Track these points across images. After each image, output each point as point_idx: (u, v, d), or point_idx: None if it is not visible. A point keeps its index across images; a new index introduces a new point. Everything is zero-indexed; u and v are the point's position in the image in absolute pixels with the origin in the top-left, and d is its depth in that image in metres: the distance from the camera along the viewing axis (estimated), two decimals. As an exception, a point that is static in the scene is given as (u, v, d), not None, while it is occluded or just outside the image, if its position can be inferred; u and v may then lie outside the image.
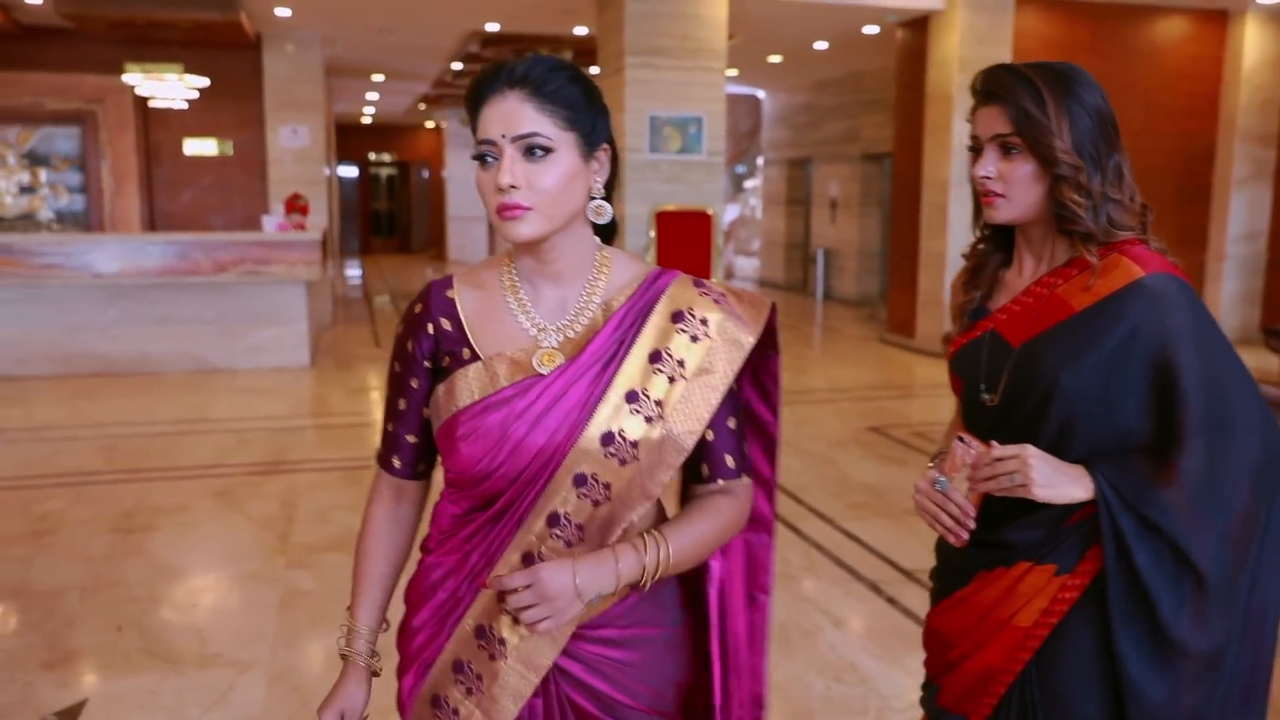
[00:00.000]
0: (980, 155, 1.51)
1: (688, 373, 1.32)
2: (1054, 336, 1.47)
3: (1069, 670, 1.47)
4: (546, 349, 1.33)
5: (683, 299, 1.35)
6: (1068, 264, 1.52)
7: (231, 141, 10.67)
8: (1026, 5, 9.04)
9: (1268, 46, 9.72)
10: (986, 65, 1.56)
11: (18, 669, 3.20)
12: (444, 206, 21.17)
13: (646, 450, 1.30)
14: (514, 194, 1.26)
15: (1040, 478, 1.40)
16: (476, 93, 1.31)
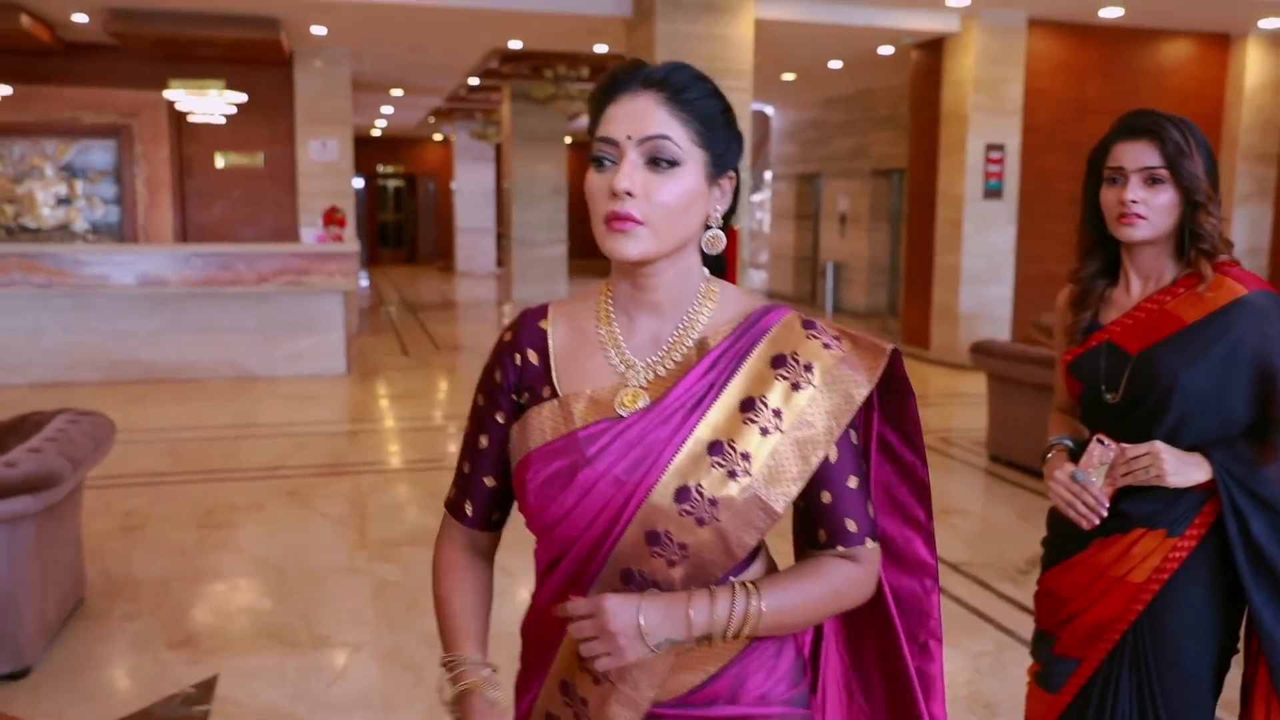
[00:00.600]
0: (1115, 184, 1.79)
1: (784, 425, 1.17)
2: (1170, 344, 1.76)
3: (1177, 619, 1.75)
4: (632, 388, 1.21)
5: (787, 342, 1.21)
6: (1174, 283, 1.81)
7: (262, 154, 10.93)
8: (1038, 28, 9.38)
9: (1268, 69, 10.08)
10: (999, 85, 1.90)
11: (146, 650, 3.46)
12: (452, 218, 21.43)
13: (728, 511, 1.15)
14: (628, 203, 1.15)
15: (1170, 469, 1.69)
16: (608, 88, 1.21)
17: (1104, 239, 1.87)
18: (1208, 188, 1.74)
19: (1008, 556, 4.38)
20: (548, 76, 13.08)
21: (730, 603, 1.15)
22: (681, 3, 8.29)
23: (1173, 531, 1.74)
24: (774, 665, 1.24)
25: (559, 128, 15.21)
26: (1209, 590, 1.75)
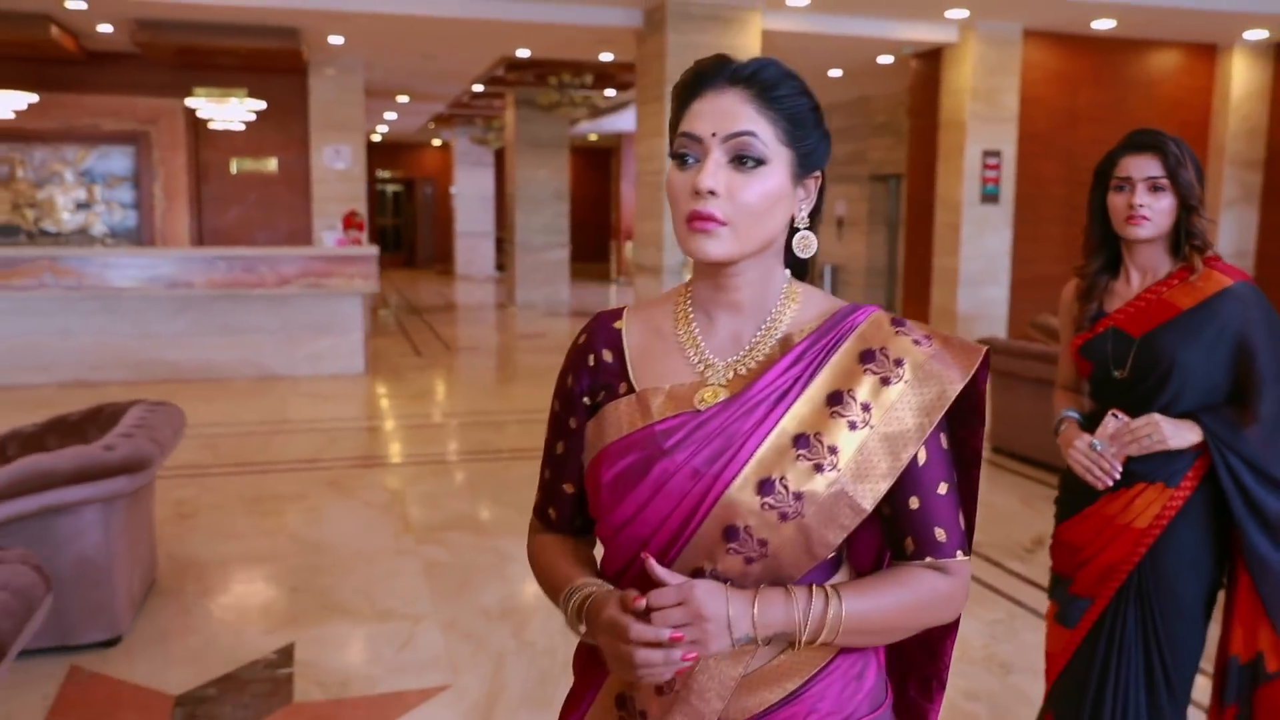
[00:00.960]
0: (1123, 191, 2.09)
1: (873, 420, 1.13)
2: (1169, 328, 2.06)
3: (1175, 558, 2.06)
4: (712, 386, 1.18)
5: (876, 338, 1.18)
6: (1169, 276, 2.12)
7: (276, 160, 11.19)
8: (1033, 39, 9.71)
9: (1254, 78, 10.44)
10: (996, 94, 2.23)
11: (222, 622, 3.73)
12: (451, 222, 21.69)
13: (813, 505, 1.11)
14: (711, 202, 1.12)
15: (1169, 434, 2.02)
16: (693, 83, 1.18)
17: (1107, 239, 2.17)
18: (1199, 194, 2.05)
19: (1014, 537, 4.67)
20: (552, 84, 13.37)
21: (809, 602, 1.11)
22: (691, 14, 8.60)
23: (1170, 484, 2.05)
24: (857, 686, 1.18)
25: (562, 134, 15.50)
26: (1201, 533, 2.06)
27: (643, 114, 9.44)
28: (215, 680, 3.26)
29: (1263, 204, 10.77)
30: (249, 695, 3.18)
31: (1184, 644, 2.10)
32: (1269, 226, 10.67)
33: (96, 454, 3.32)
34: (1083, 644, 2.17)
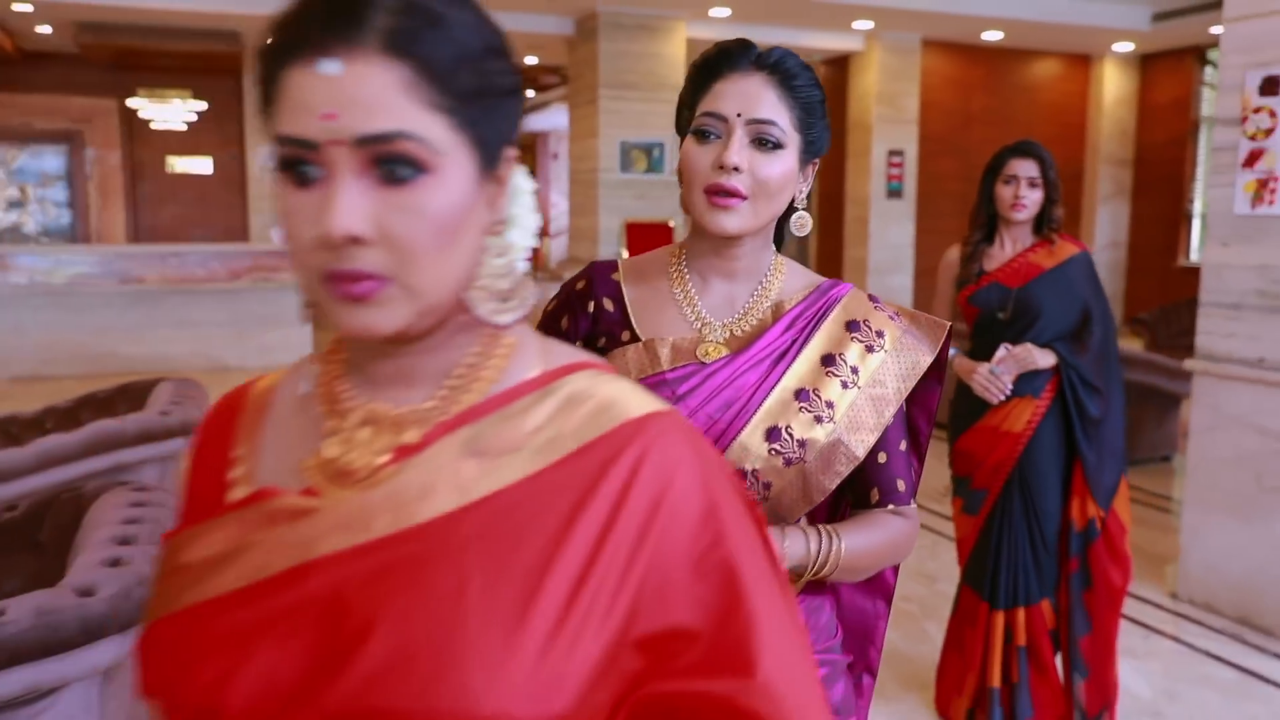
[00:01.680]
0: (1010, 184, 2.80)
1: (860, 381, 1.25)
2: (1037, 282, 2.80)
3: (1041, 452, 2.82)
4: (712, 342, 1.28)
5: (858, 310, 1.30)
6: (1033, 246, 2.86)
7: (212, 159, 11.43)
8: (931, 48, 10.62)
9: (1123, 85, 11.58)
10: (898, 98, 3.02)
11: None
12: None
13: (814, 452, 1.22)
14: (736, 178, 1.20)
15: (1039, 358, 2.76)
16: (716, 62, 1.25)
17: (990, 217, 2.89)
18: (1059, 191, 2.81)
19: (930, 483, 5.43)
20: (476, 85, 13.84)
21: (819, 540, 1.21)
22: (622, 24, 9.22)
23: (1035, 395, 2.80)
24: (814, 620, 1.29)
25: (484, 133, 15.93)
26: (1057, 431, 2.82)
27: (575, 116, 10.02)
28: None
29: (1133, 198, 11.93)
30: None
31: (1050, 513, 2.85)
32: (1139, 218, 11.83)
33: (156, 419, 3.78)
34: (984, 525, 2.88)
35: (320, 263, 0.68)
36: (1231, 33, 3.63)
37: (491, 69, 0.71)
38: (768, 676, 0.70)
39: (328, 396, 0.78)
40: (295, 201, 0.69)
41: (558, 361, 0.79)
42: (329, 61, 0.65)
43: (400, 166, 0.67)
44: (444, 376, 0.76)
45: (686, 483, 0.72)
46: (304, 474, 0.75)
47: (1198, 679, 3.27)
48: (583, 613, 0.67)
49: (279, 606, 0.69)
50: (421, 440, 0.73)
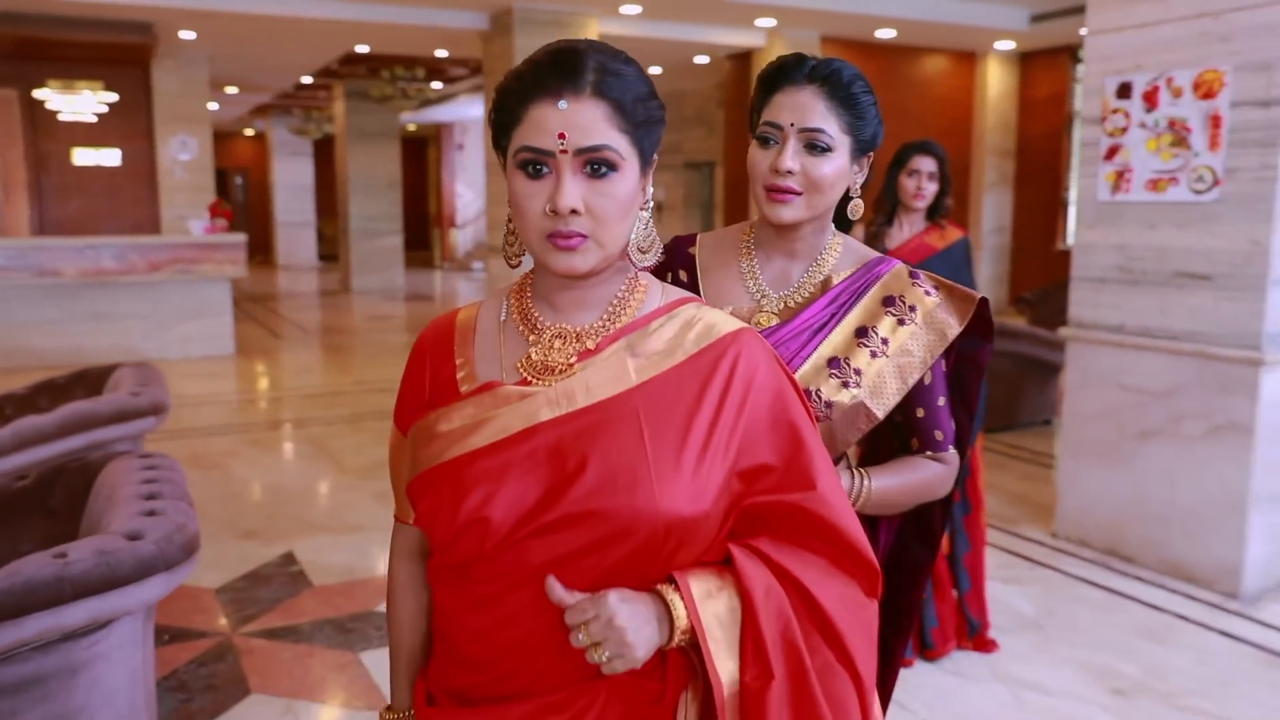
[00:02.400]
0: (913, 177, 3.26)
1: (889, 351, 1.42)
2: (932, 261, 3.27)
3: None
4: (766, 312, 1.47)
5: (896, 286, 1.47)
6: (925, 230, 3.33)
7: (120, 151, 11.30)
8: (829, 44, 11.20)
9: (1005, 81, 12.37)
10: None
11: (221, 542, 4.45)
12: (270, 212, 21.59)
13: (839, 412, 1.40)
14: (789, 179, 1.40)
15: None
16: (776, 77, 1.45)
17: (892, 204, 3.36)
18: (950, 184, 3.28)
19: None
20: (385, 77, 13.91)
21: (852, 479, 1.41)
22: (535, 20, 9.53)
23: None
24: None
25: (393, 124, 16.01)
26: None
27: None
28: (241, 577, 4.03)
29: (1016, 187, 12.76)
30: (275, 584, 3.97)
31: None
32: (1021, 205, 12.66)
33: (128, 400, 3.99)
34: None
35: (547, 226, 1.06)
36: (1093, 44, 4.18)
37: (651, 106, 1.09)
38: (823, 490, 1.11)
39: (524, 320, 1.16)
40: (529, 188, 1.06)
41: (672, 296, 1.19)
42: (561, 101, 1.03)
43: (602, 166, 1.05)
44: (605, 304, 1.15)
45: (765, 374, 1.12)
46: (519, 370, 1.12)
47: (1072, 599, 3.81)
48: (713, 450, 1.06)
49: (519, 453, 1.06)
50: (596, 347, 1.12)
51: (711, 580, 1.07)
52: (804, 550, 1.11)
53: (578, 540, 1.03)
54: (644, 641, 1.02)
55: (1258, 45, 3.58)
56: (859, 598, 1.14)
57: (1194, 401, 3.89)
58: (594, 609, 1.02)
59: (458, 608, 1.11)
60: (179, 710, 2.97)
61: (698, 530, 1.05)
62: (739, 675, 1.05)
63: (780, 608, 1.07)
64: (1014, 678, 3.20)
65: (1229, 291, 3.75)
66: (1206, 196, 3.77)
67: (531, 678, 1.08)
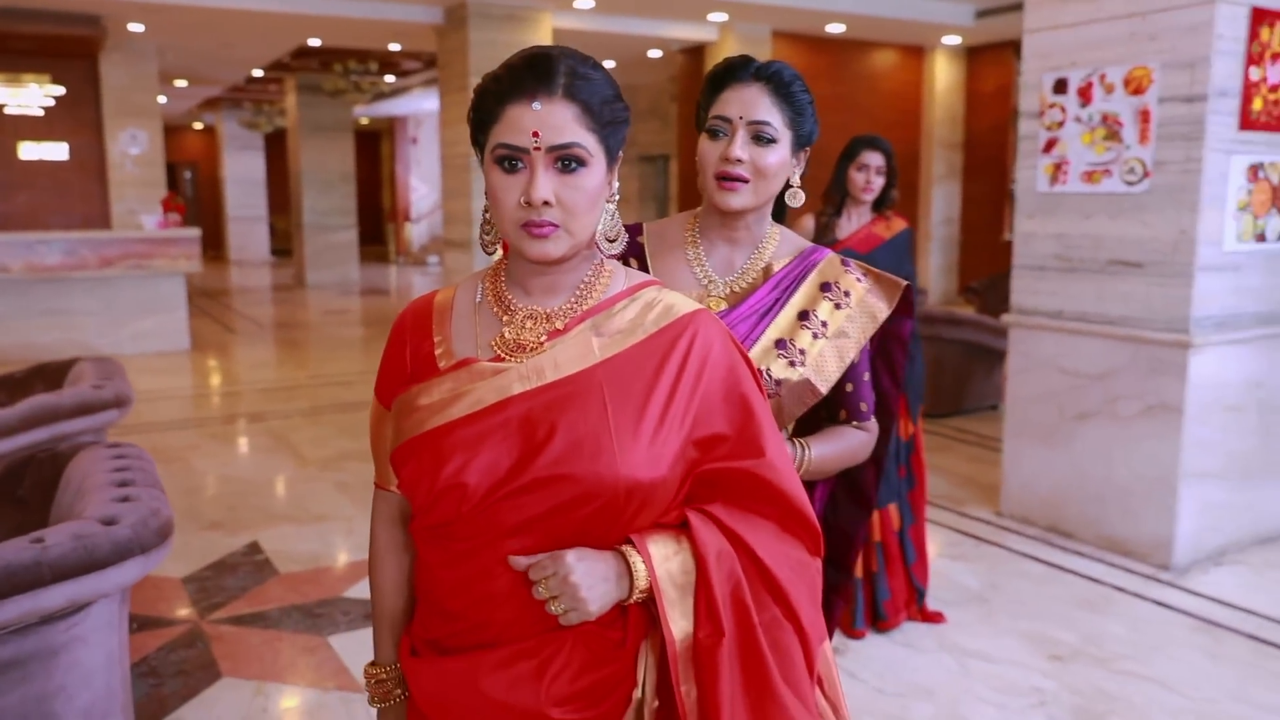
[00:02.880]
0: (861, 170, 3.40)
1: (829, 333, 1.54)
2: (881, 248, 3.42)
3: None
4: (714, 297, 1.57)
5: (831, 273, 1.60)
6: (871, 221, 3.48)
7: (68, 145, 11.14)
8: (780, 39, 11.36)
9: (952, 75, 12.63)
10: None
11: (186, 533, 4.48)
12: (221, 207, 21.34)
13: (788, 389, 1.52)
14: (739, 167, 1.50)
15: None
16: (724, 75, 1.56)
17: (841, 196, 3.50)
18: (897, 177, 3.43)
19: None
20: (338, 70, 13.84)
21: (795, 448, 1.56)
22: (490, 14, 9.56)
23: None
24: None
25: (346, 117, 15.93)
26: None
27: (446, 103, 10.30)
28: (207, 566, 4.08)
29: (964, 178, 13.03)
30: (241, 573, 4.02)
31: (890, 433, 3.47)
32: (969, 197, 12.94)
33: (91, 392, 4.02)
34: None
35: (521, 216, 1.16)
36: (1031, 41, 4.35)
37: (616, 107, 1.19)
38: (771, 458, 1.22)
39: (499, 301, 1.26)
40: (505, 182, 1.16)
41: (635, 280, 1.29)
42: (535, 102, 1.13)
43: (572, 162, 1.15)
44: (573, 288, 1.25)
45: (719, 350, 1.23)
46: (493, 348, 1.22)
47: (1015, 573, 3.99)
48: (669, 421, 1.17)
49: (493, 424, 1.17)
50: (564, 327, 1.22)
51: (670, 544, 1.18)
52: (753, 514, 1.22)
53: (546, 502, 1.14)
54: (598, 597, 1.13)
55: (1182, 44, 3.77)
56: (803, 557, 1.26)
57: (1128, 384, 4.08)
58: (552, 566, 1.13)
59: (437, 563, 1.22)
60: (151, 694, 3.03)
61: (656, 494, 1.16)
62: (692, 631, 1.16)
63: (731, 569, 1.18)
64: (960, 647, 3.36)
65: (1159, 278, 3.94)
66: (1137, 188, 3.96)
67: (503, 627, 1.18)
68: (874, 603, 3.47)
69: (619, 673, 1.19)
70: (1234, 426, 4.08)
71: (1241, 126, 3.81)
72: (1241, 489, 4.16)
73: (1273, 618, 3.57)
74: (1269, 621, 3.54)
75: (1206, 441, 3.99)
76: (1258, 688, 3.09)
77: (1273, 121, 3.88)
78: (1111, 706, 2.98)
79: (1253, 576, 3.96)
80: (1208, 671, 3.19)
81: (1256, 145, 3.91)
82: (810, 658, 1.23)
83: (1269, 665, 3.23)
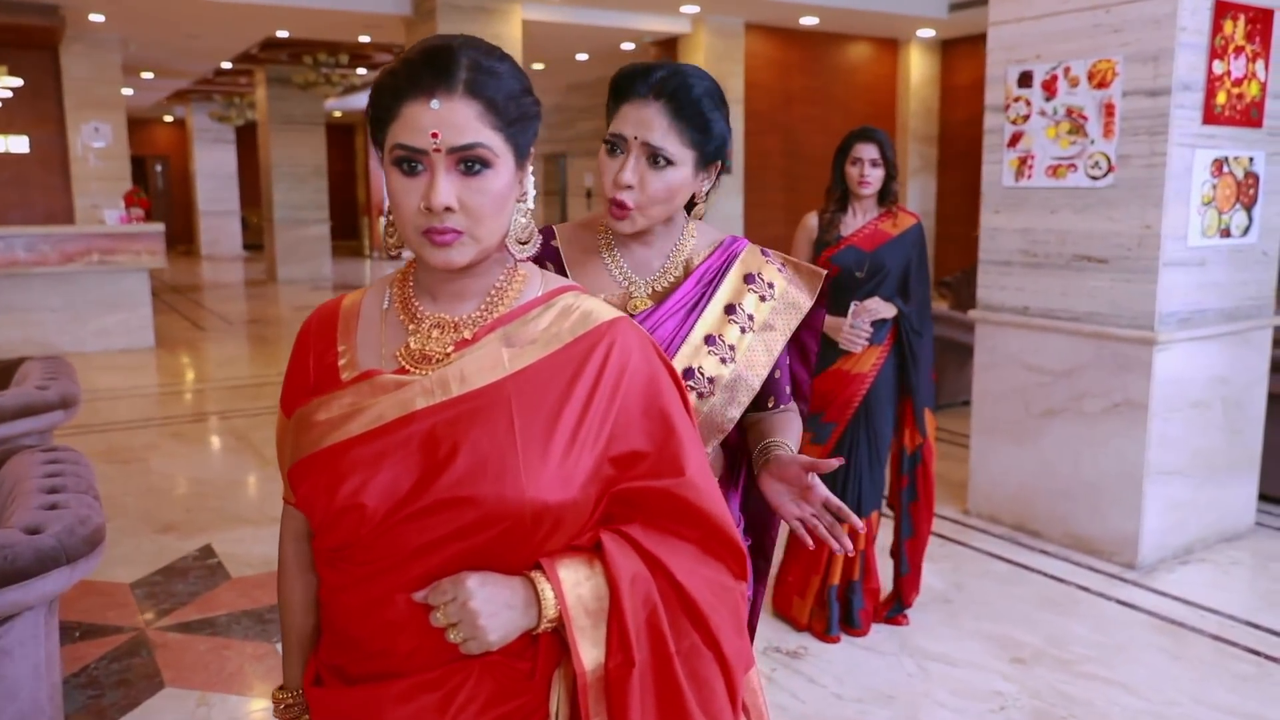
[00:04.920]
0: (856, 165, 3.30)
1: (755, 326, 1.51)
2: (886, 247, 3.32)
3: (882, 388, 3.35)
4: (639, 297, 1.52)
5: (753, 264, 1.56)
6: (878, 216, 3.38)
7: (28, 138, 10.94)
8: (753, 31, 11.29)
9: (926, 68, 12.60)
10: (725, 78, 3.54)
11: (138, 536, 4.38)
12: (193, 201, 21.09)
13: (721, 387, 1.47)
14: (626, 194, 1.44)
15: (885, 310, 3.26)
16: (624, 87, 1.46)
17: (842, 191, 3.42)
18: (896, 170, 3.33)
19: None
20: (308, 63, 13.66)
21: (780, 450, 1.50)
22: (459, 5, 9.45)
23: (879, 342, 3.33)
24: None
25: (318, 111, 15.74)
26: (894, 370, 3.37)
27: (416, 95, 10.17)
28: (157, 571, 3.98)
29: (939, 172, 13.01)
30: (192, 578, 3.92)
31: (885, 438, 3.40)
32: (945, 190, 12.92)
33: (35, 393, 3.90)
34: (831, 452, 3.41)
35: (422, 222, 1.08)
36: (995, 34, 4.30)
37: (524, 103, 1.11)
38: (692, 476, 1.15)
39: (405, 308, 1.18)
40: (405, 185, 1.08)
41: (552, 285, 1.22)
42: (434, 100, 1.05)
43: (475, 164, 1.07)
44: (484, 295, 1.17)
45: (638, 361, 1.16)
46: (397, 359, 1.15)
47: (980, 573, 3.95)
48: (582, 438, 1.10)
49: (394, 441, 1.09)
50: (473, 337, 1.14)
51: (582, 568, 1.10)
52: (673, 536, 1.15)
53: (449, 525, 1.07)
54: (499, 626, 1.06)
55: (1145, 37, 3.73)
56: (726, 581, 1.19)
57: (1094, 380, 4.04)
58: (452, 590, 1.05)
59: (338, 586, 1.14)
60: (88, 706, 2.94)
61: (566, 516, 1.09)
62: (604, 661, 1.09)
63: (647, 594, 1.11)
64: (921, 650, 3.31)
65: (1124, 274, 3.90)
66: (1102, 182, 3.92)
67: (404, 656, 1.11)
68: (849, 611, 3.42)
69: (529, 705, 1.12)
70: (1199, 423, 4.05)
71: (1205, 120, 3.77)
72: (1206, 486, 4.13)
73: (1236, 617, 3.54)
74: (1231, 621, 3.51)
75: (1172, 438, 3.96)
76: (1218, 689, 3.05)
77: (1236, 116, 3.85)
78: (1071, 710, 2.94)
79: (1218, 575, 3.94)
80: (1169, 672, 3.15)
81: (1220, 140, 3.88)
82: (733, 687, 1.16)
83: (1230, 665, 3.20)
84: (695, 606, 1.13)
